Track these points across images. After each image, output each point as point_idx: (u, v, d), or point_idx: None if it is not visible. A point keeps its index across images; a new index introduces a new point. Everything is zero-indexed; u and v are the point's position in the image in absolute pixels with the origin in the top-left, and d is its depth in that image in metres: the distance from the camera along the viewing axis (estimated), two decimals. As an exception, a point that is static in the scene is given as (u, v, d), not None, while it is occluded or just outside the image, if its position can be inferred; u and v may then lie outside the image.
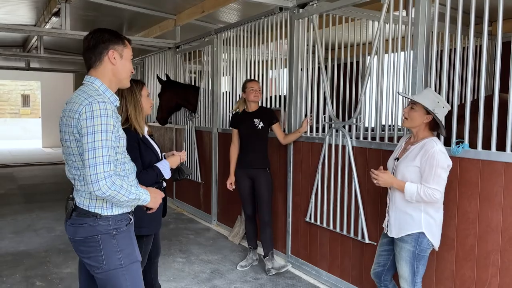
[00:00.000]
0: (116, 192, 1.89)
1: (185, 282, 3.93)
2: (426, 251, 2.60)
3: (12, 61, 12.61)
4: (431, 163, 2.48)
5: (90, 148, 1.86)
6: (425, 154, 2.51)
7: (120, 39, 2.08)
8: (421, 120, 2.59)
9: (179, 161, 2.85)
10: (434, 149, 2.49)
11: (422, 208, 2.57)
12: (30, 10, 7.62)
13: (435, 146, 2.50)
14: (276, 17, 4.53)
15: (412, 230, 2.58)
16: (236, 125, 4.28)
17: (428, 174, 2.49)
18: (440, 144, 2.57)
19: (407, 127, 2.72)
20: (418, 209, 2.58)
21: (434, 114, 2.53)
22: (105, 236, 2.00)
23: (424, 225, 2.57)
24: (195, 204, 6.46)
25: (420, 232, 2.57)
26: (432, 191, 2.47)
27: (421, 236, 2.57)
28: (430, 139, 2.57)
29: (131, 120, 2.68)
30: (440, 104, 2.54)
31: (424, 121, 2.59)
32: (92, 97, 1.92)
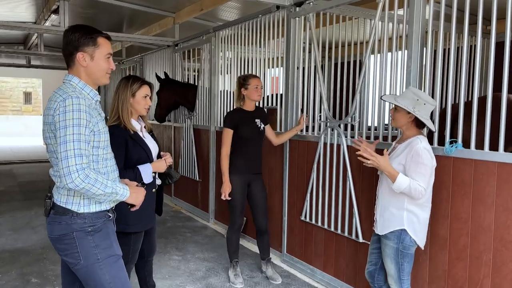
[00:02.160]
0: (91, 185, 1.90)
1: (180, 280, 3.94)
2: (409, 248, 2.60)
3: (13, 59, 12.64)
4: (416, 160, 2.49)
5: (62, 142, 1.89)
6: (410, 151, 2.53)
7: (91, 39, 2.05)
8: (405, 120, 2.60)
9: (165, 166, 2.82)
10: (419, 146, 2.50)
11: (405, 205, 2.58)
12: (30, 7, 7.64)
13: (420, 143, 2.52)
14: (273, 15, 4.52)
15: (394, 227, 2.60)
16: (234, 125, 3.76)
17: (414, 171, 2.50)
18: (425, 142, 2.57)
19: (394, 127, 2.74)
20: (401, 207, 2.59)
21: (414, 113, 2.53)
22: (80, 233, 2.02)
23: (406, 222, 2.58)
24: (193, 202, 6.47)
25: (402, 229, 2.59)
26: (421, 188, 2.47)
27: (403, 234, 2.58)
28: (416, 137, 2.58)
29: (120, 118, 2.68)
30: (420, 102, 2.54)
31: (407, 120, 2.60)
32: (67, 93, 1.96)
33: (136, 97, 2.79)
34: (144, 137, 2.83)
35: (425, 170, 2.49)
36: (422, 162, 2.48)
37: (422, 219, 2.61)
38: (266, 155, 4.61)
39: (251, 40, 5.02)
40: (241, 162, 3.79)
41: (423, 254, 3.00)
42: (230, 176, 3.76)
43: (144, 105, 2.83)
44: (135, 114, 2.82)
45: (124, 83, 2.79)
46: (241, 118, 3.80)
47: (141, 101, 2.80)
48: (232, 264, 3.93)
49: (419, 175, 2.48)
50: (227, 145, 3.76)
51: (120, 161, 2.49)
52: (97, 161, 2.04)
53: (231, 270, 3.92)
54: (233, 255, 3.95)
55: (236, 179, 3.78)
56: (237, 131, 3.77)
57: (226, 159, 3.75)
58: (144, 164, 2.70)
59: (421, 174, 2.48)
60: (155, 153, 2.86)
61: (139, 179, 2.65)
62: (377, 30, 3.43)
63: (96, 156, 2.03)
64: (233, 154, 3.80)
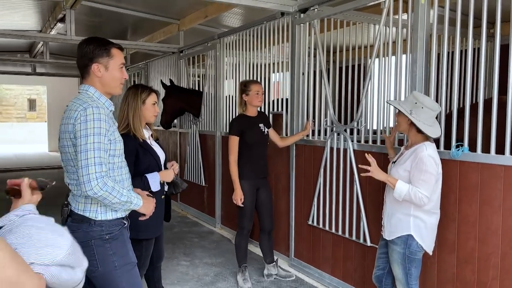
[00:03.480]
0: (108, 193, 1.96)
1: (189, 285, 3.96)
2: (416, 253, 2.62)
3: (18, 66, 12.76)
4: (420, 167, 2.50)
5: (83, 150, 1.94)
6: (415, 158, 2.54)
7: (105, 50, 2.11)
8: (405, 124, 2.63)
9: (173, 176, 2.86)
10: (424, 153, 2.51)
11: (412, 211, 2.60)
12: (35, 16, 7.72)
13: (425, 151, 2.52)
14: (278, 21, 4.57)
15: (401, 233, 2.62)
16: (240, 132, 3.79)
17: (417, 179, 2.51)
18: (431, 149, 2.57)
19: (398, 131, 2.77)
20: (407, 213, 2.61)
21: (410, 116, 2.55)
22: (98, 241, 2.07)
23: (413, 228, 2.60)
24: (199, 207, 6.50)
25: (408, 234, 2.60)
26: (422, 195, 2.48)
27: (410, 239, 2.59)
28: (422, 144, 2.58)
29: (130, 125, 2.73)
30: (418, 105, 2.54)
31: (407, 123, 2.62)
32: (87, 103, 2.01)
33: (146, 105, 2.84)
34: (152, 144, 2.87)
35: (429, 178, 2.49)
36: (426, 170, 2.48)
37: (429, 225, 2.63)
38: (272, 160, 4.64)
39: (255, 45, 5.06)
40: (248, 168, 3.83)
41: (432, 258, 3.02)
42: (240, 182, 3.79)
43: (153, 113, 2.88)
44: (144, 122, 2.87)
45: (133, 92, 2.84)
46: (245, 124, 3.84)
47: (151, 108, 2.86)
48: (241, 269, 3.96)
49: (422, 182, 2.49)
50: (235, 152, 3.79)
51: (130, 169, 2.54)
52: (113, 169, 2.09)
53: (240, 274, 3.95)
54: (242, 260, 3.98)
55: (246, 184, 3.81)
56: (242, 137, 3.81)
57: (235, 166, 3.79)
58: (152, 172, 2.74)
59: (424, 181, 2.49)
60: (162, 160, 2.90)
61: (147, 187, 2.69)
62: (382, 35, 3.46)
63: (112, 164, 2.08)
64: (240, 160, 3.83)
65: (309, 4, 4.10)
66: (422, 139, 2.62)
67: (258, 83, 3.95)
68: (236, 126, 3.83)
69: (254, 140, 3.83)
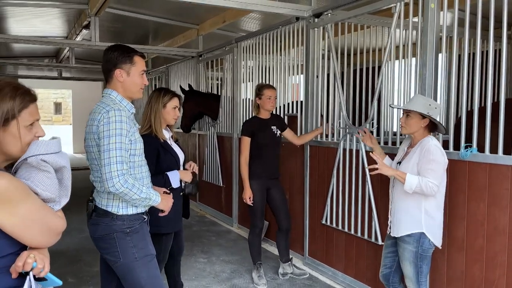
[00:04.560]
0: (128, 190, 2.12)
1: (206, 281, 4.11)
2: (428, 251, 2.68)
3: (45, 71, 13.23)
4: (427, 157, 2.59)
5: (106, 150, 2.11)
6: (421, 150, 2.64)
7: (128, 57, 2.27)
8: (418, 125, 2.71)
9: (191, 177, 3.00)
10: (430, 143, 2.62)
11: (423, 208, 2.66)
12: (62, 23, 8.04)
13: (430, 141, 2.64)
14: (293, 26, 4.69)
15: (413, 230, 2.68)
16: (251, 133, 3.96)
17: (426, 169, 2.58)
18: (436, 140, 2.69)
19: (406, 133, 2.84)
20: (418, 209, 2.67)
21: (430, 116, 2.65)
22: (120, 234, 2.23)
23: (425, 225, 2.66)
24: (217, 207, 6.66)
25: (421, 232, 2.66)
26: (432, 184, 2.56)
27: (423, 237, 2.66)
28: (427, 137, 2.70)
29: (152, 127, 2.90)
30: (432, 106, 2.68)
31: (422, 125, 2.70)
32: (109, 106, 2.18)
33: (166, 108, 3.01)
34: (172, 145, 3.04)
35: (437, 166, 2.58)
36: (433, 159, 2.57)
37: (438, 221, 2.71)
38: (287, 161, 4.77)
39: (271, 49, 5.19)
40: (259, 168, 3.98)
41: (441, 256, 3.08)
42: (250, 181, 3.93)
43: (173, 116, 3.05)
44: (164, 124, 3.04)
45: (156, 95, 3.02)
46: (257, 126, 4.00)
47: (171, 112, 3.03)
48: (256, 266, 4.08)
49: (430, 171, 2.57)
50: (246, 152, 3.96)
51: (151, 168, 2.69)
52: (133, 167, 2.25)
53: (255, 271, 4.07)
54: (256, 257, 4.11)
55: (255, 184, 3.96)
56: (254, 138, 3.97)
57: (245, 166, 3.95)
58: (172, 170, 2.90)
59: (432, 170, 2.57)
60: (181, 160, 3.06)
61: (168, 184, 2.85)
62: (394, 38, 3.54)
63: (132, 163, 2.24)
64: (252, 161, 3.98)
65: (323, 9, 4.21)
66: (426, 136, 2.73)
67: (272, 88, 4.08)
68: (247, 128, 4.01)
69: (265, 141, 3.98)
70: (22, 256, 1.32)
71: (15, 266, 1.31)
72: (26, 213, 1.33)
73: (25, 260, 1.31)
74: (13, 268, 1.32)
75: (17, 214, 1.31)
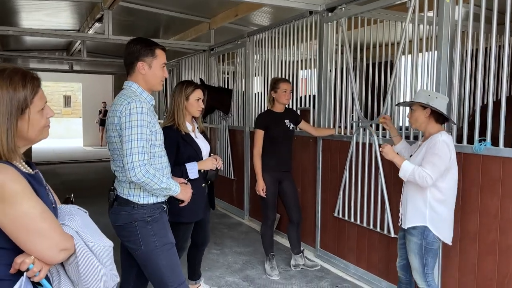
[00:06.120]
0: (149, 179, 2.18)
1: (220, 272, 4.18)
2: (433, 244, 2.72)
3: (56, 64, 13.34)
4: (432, 150, 2.64)
5: (128, 140, 2.16)
6: (430, 143, 2.69)
7: (150, 50, 2.33)
8: (422, 117, 2.75)
9: (211, 165, 3.05)
10: (438, 138, 2.65)
11: (428, 203, 2.71)
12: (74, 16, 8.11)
13: (440, 137, 2.66)
14: (306, 20, 4.71)
15: (417, 223, 2.74)
16: (265, 126, 4.01)
17: (426, 160, 2.64)
18: (446, 136, 2.69)
19: (415, 128, 2.90)
20: (424, 203, 2.72)
21: (430, 106, 2.68)
22: (141, 223, 2.29)
23: (428, 220, 2.71)
24: (228, 200, 6.73)
25: (425, 226, 2.71)
26: (425, 174, 2.60)
27: (427, 230, 2.71)
28: (438, 132, 2.72)
29: (175, 119, 2.96)
30: (432, 97, 2.71)
31: (425, 116, 2.74)
32: (130, 97, 2.24)
33: (189, 100, 3.06)
34: (196, 137, 3.09)
35: (438, 161, 2.60)
36: (437, 153, 2.61)
37: (444, 216, 2.73)
38: (300, 154, 4.81)
39: (284, 43, 5.22)
40: (272, 161, 4.03)
41: (454, 249, 3.12)
42: (262, 174, 4.00)
43: (197, 108, 3.10)
44: (189, 116, 3.09)
45: (179, 88, 3.08)
46: (271, 119, 4.05)
47: (194, 104, 3.08)
48: (269, 258, 4.15)
49: (429, 163, 2.61)
50: (259, 145, 4.02)
51: (170, 159, 2.76)
52: (154, 157, 2.31)
53: (268, 263, 4.14)
54: (268, 249, 4.17)
55: (268, 176, 4.01)
56: (267, 132, 4.02)
57: (258, 159, 4.01)
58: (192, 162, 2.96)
59: (431, 163, 2.61)
60: (206, 152, 3.11)
61: (185, 175, 2.91)
62: (408, 32, 3.56)
63: (153, 154, 2.30)
64: (265, 154, 4.04)
65: (337, 3, 4.22)
66: (439, 129, 2.75)
67: (287, 81, 4.12)
68: (261, 121, 4.07)
69: (278, 135, 4.04)
70: (23, 254, 1.32)
71: (14, 261, 1.31)
72: (18, 218, 1.28)
73: (23, 259, 1.30)
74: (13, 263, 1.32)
75: (7, 215, 1.28)
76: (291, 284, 3.93)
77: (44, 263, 1.34)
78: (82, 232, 1.49)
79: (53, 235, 1.35)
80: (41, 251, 1.33)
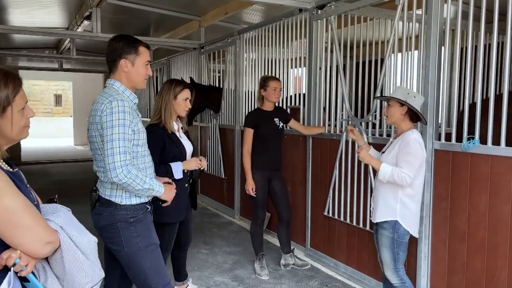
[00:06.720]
0: (132, 180, 2.13)
1: (209, 272, 4.15)
2: (403, 237, 2.80)
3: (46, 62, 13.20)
4: (406, 150, 2.70)
5: (109, 140, 2.12)
6: (402, 141, 2.74)
7: (133, 48, 2.27)
8: (398, 113, 2.81)
9: (195, 165, 3.00)
10: (410, 137, 2.72)
11: (399, 198, 2.77)
12: (63, 14, 8.01)
13: (412, 135, 2.73)
14: (296, 18, 4.68)
15: (388, 218, 2.81)
16: (254, 125, 3.98)
17: (402, 160, 2.69)
18: (417, 134, 2.79)
19: (390, 123, 2.93)
20: (395, 198, 2.78)
21: (407, 103, 2.74)
22: (123, 224, 2.25)
23: (399, 214, 2.78)
24: (219, 199, 6.69)
25: (395, 220, 2.78)
26: (404, 175, 2.66)
27: (397, 224, 2.78)
28: (410, 130, 2.80)
29: (161, 117, 2.91)
30: (410, 95, 2.77)
31: (401, 113, 2.79)
32: (112, 96, 2.19)
33: (177, 100, 3.02)
34: (181, 137, 3.05)
35: (413, 159, 2.69)
36: (411, 152, 2.68)
37: (414, 211, 2.83)
38: (289, 153, 4.79)
39: (274, 41, 5.19)
40: (261, 159, 4.01)
41: (443, 248, 3.11)
42: (252, 173, 3.97)
43: (184, 107, 3.05)
44: (174, 115, 3.04)
45: (167, 86, 3.03)
46: (260, 118, 4.02)
47: (182, 103, 3.03)
48: (258, 257, 4.12)
49: (406, 163, 2.67)
50: (248, 143, 3.99)
51: (155, 158, 2.71)
52: (137, 157, 2.26)
53: (257, 262, 4.11)
54: (258, 248, 4.14)
55: (257, 175, 3.99)
56: (257, 130, 3.99)
57: (248, 157, 3.98)
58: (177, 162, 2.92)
59: (408, 162, 2.67)
60: (189, 152, 3.07)
61: (170, 175, 2.87)
62: (397, 31, 3.54)
63: (135, 153, 2.25)
64: (254, 152, 4.01)
65: (326, 1, 4.20)
66: (410, 127, 2.83)
67: (277, 80, 4.10)
68: (251, 119, 4.04)
69: (268, 133, 4.01)
70: (9, 250, 1.33)
71: (0, 257, 1.31)
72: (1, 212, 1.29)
73: (10, 254, 1.31)
74: None
75: None
76: (281, 283, 3.91)
77: (30, 257, 1.35)
78: (67, 227, 1.49)
79: (37, 229, 1.36)
80: (27, 245, 1.34)
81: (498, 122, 2.77)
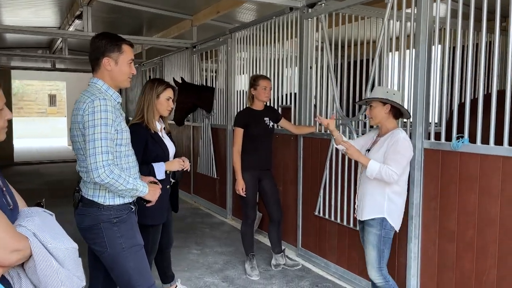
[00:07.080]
0: (114, 180, 2.09)
1: (199, 272, 4.11)
2: (390, 233, 2.83)
3: (39, 62, 13.11)
4: (394, 148, 2.73)
5: (91, 140, 2.07)
6: (391, 140, 2.76)
7: (116, 46, 2.23)
8: (382, 112, 2.83)
9: (178, 166, 2.97)
10: (399, 136, 2.75)
11: (386, 195, 2.79)
12: (54, 13, 7.95)
13: (400, 134, 2.77)
14: (287, 16, 4.65)
15: (376, 215, 2.81)
16: (244, 124, 3.95)
17: (390, 158, 2.72)
18: (405, 133, 2.82)
19: (375, 124, 2.95)
20: (382, 195, 2.80)
21: (390, 101, 2.77)
22: (106, 224, 2.21)
23: (387, 211, 2.80)
24: (211, 199, 6.66)
25: (383, 217, 2.80)
26: (391, 172, 2.68)
27: (385, 221, 2.80)
28: (397, 129, 2.84)
29: (144, 117, 2.87)
30: (390, 93, 2.81)
31: (385, 112, 2.82)
32: (94, 95, 2.15)
33: (160, 99, 2.98)
34: (163, 137, 3.01)
35: (401, 158, 2.73)
36: (399, 151, 2.72)
37: (400, 207, 2.86)
38: (280, 153, 4.76)
39: (265, 40, 5.15)
40: (251, 159, 3.98)
41: (432, 247, 3.10)
42: (242, 172, 3.93)
43: (166, 107, 3.02)
44: (157, 115, 3.01)
45: (150, 85, 2.99)
46: (250, 117, 3.98)
47: (164, 103, 3.00)
48: (249, 258, 4.09)
49: (394, 161, 2.70)
50: (238, 143, 3.96)
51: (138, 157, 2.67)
52: (120, 157, 2.22)
53: (248, 263, 4.08)
54: (249, 248, 4.11)
55: (248, 175, 3.96)
56: (247, 130, 3.95)
57: (238, 157, 3.95)
58: (159, 162, 2.88)
59: (396, 161, 2.70)
60: (172, 152, 3.03)
61: (153, 175, 2.83)
62: (387, 30, 3.52)
63: (119, 153, 2.21)
64: (244, 152, 3.97)
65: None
66: (395, 126, 2.87)
67: (267, 78, 4.07)
68: (240, 119, 4.00)
69: (258, 133, 3.98)
70: None
71: None
72: None
73: None
74: None
75: None
76: (271, 284, 3.88)
77: None
78: (40, 233, 1.44)
79: (1, 236, 1.30)
80: None
81: (487, 121, 2.75)
